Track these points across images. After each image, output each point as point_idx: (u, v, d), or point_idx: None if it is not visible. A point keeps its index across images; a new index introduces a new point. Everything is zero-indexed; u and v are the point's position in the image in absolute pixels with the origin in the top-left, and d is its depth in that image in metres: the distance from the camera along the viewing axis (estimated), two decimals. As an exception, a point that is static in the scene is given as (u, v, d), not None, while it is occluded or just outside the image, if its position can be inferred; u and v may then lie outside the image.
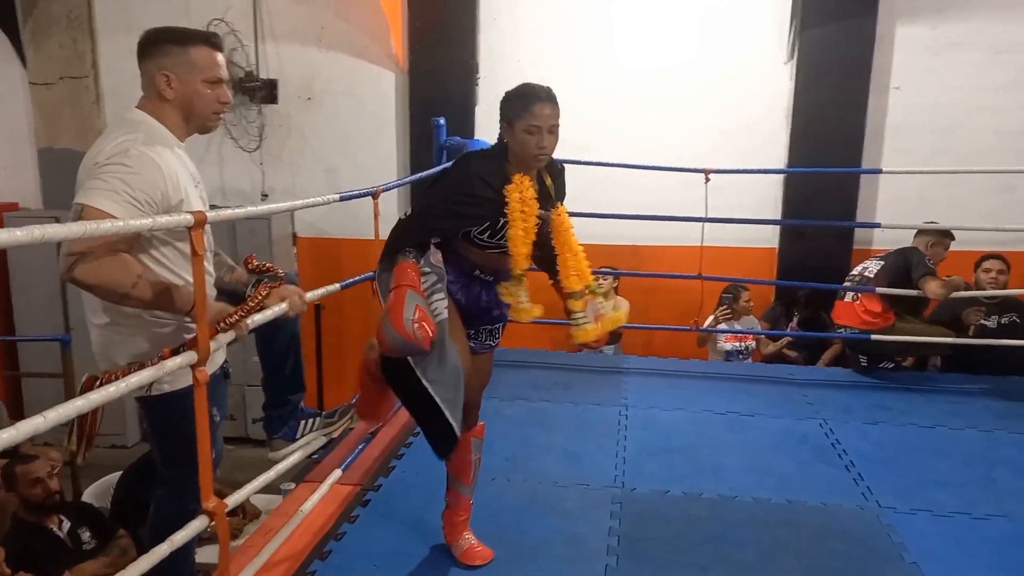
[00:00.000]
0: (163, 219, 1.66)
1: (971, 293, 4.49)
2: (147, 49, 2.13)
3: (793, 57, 5.54)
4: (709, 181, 4.51)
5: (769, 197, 5.67)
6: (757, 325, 5.41)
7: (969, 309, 4.45)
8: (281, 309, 2.18)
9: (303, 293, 2.29)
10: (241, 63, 5.99)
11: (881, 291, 4.28)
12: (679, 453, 3.40)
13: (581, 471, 3.18)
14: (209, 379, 1.86)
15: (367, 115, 6.06)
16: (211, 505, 1.88)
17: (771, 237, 5.82)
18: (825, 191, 5.51)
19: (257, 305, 2.04)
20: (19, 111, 6.28)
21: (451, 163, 2.71)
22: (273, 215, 5.83)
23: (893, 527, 2.76)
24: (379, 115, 6.06)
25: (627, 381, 4.26)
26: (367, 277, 3.06)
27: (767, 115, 5.64)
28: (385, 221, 2.70)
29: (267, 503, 4.04)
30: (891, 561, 2.56)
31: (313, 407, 2.80)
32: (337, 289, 2.71)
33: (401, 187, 5.92)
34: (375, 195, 2.89)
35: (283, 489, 3.75)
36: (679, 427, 3.71)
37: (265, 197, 6.16)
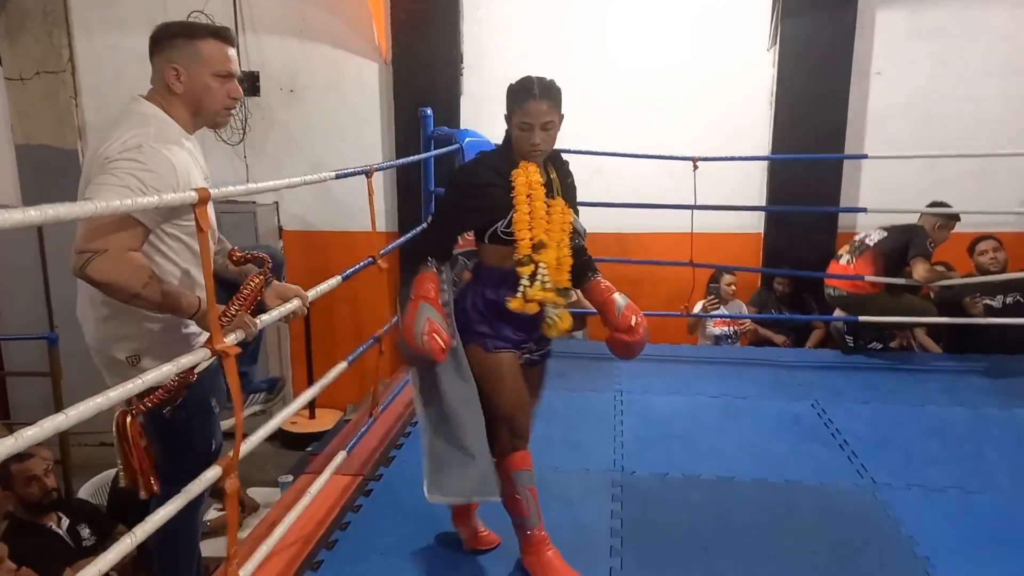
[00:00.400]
0: (169, 196, 1.64)
1: (977, 279, 4.50)
2: (158, 43, 2.12)
3: (775, 44, 5.59)
4: (697, 169, 4.54)
5: (753, 184, 5.73)
6: (744, 310, 5.47)
7: (968, 299, 4.50)
8: (288, 308, 2.15)
9: (303, 293, 2.26)
10: (222, 55, 5.91)
11: (870, 279, 4.38)
12: (676, 437, 3.44)
13: (581, 457, 3.20)
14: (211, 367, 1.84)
15: (351, 107, 6.03)
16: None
17: (756, 223, 5.88)
18: (809, 177, 5.57)
19: (251, 294, 2.01)
20: (-6, 107, 6.16)
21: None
22: (259, 208, 5.80)
23: (889, 504, 2.82)
24: (363, 107, 6.02)
25: (620, 367, 4.29)
26: (368, 263, 3.05)
27: (750, 102, 5.69)
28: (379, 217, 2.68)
29: (265, 496, 4.03)
30: (889, 536, 2.61)
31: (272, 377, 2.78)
32: (339, 282, 2.69)
33: (389, 174, 5.92)
34: (368, 173, 2.88)
35: (281, 482, 3.75)
36: (674, 412, 3.76)
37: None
